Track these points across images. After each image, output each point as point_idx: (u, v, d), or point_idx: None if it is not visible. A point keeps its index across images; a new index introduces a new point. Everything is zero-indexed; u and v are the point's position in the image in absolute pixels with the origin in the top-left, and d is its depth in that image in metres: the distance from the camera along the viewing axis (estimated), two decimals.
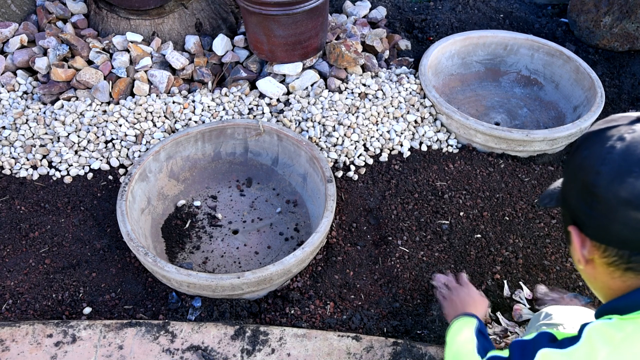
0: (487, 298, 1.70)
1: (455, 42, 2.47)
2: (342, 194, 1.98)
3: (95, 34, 2.36)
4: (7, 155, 2.05)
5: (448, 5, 2.94)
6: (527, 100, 2.51)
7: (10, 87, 2.22)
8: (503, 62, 2.57)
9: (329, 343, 1.54)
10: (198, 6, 2.42)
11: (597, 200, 0.73)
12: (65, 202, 1.94)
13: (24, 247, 1.81)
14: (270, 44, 2.14)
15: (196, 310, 1.65)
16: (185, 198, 2.02)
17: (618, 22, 2.63)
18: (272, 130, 2.00)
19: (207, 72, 2.27)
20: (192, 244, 1.88)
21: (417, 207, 1.95)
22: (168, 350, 1.52)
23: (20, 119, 2.11)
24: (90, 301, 1.68)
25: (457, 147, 2.20)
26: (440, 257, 1.80)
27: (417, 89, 2.29)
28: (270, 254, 1.86)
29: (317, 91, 2.23)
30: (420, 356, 1.51)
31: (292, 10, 2.00)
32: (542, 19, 2.93)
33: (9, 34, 2.31)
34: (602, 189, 0.72)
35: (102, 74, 2.18)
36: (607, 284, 0.79)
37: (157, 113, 2.14)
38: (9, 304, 1.66)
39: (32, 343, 1.52)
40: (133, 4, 2.28)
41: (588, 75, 2.28)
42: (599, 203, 0.73)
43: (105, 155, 2.07)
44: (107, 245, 1.82)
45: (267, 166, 2.09)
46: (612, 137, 0.74)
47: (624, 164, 0.70)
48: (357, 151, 2.10)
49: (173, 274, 1.54)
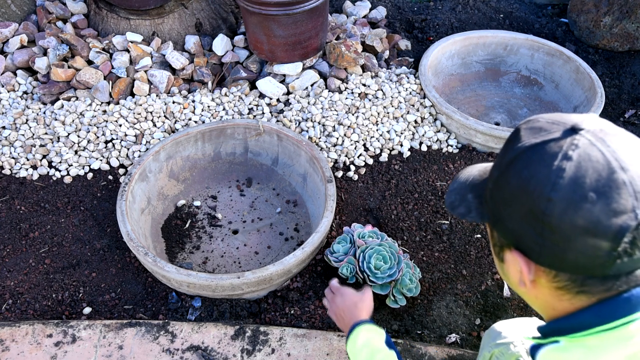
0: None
1: (455, 42, 2.47)
2: (342, 194, 1.98)
3: (95, 34, 2.36)
4: (7, 155, 2.05)
5: (448, 5, 2.94)
6: (527, 100, 2.51)
7: (10, 87, 2.22)
8: (503, 62, 2.57)
9: (329, 343, 1.54)
10: (198, 6, 2.42)
11: (549, 229, 0.67)
12: (65, 202, 1.94)
13: (24, 247, 1.81)
14: (270, 44, 2.14)
15: (196, 310, 1.65)
16: (185, 198, 2.02)
17: (618, 22, 2.63)
18: (272, 130, 2.00)
19: (207, 72, 2.27)
20: (192, 244, 1.88)
21: (417, 207, 1.95)
22: (168, 350, 1.52)
23: (20, 119, 2.11)
24: (90, 301, 1.68)
25: (457, 147, 2.20)
26: (440, 257, 1.80)
27: (417, 89, 2.29)
28: (270, 254, 1.86)
29: (317, 91, 2.23)
30: (420, 356, 1.51)
31: (292, 10, 2.00)
32: (542, 19, 2.93)
33: (9, 34, 2.31)
34: (555, 218, 0.66)
35: (102, 74, 2.18)
36: (551, 304, 0.75)
37: (157, 113, 2.14)
38: (9, 304, 1.66)
39: (32, 343, 1.52)
40: (133, 4, 2.28)
41: (588, 75, 2.28)
42: (553, 232, 0.67)
43: (105, 155, 2.06)
44: (107, 245, 1.82)
45: (267, 166, 2.09)
46: (556, 156, 0.67)
47: (578, 190, 0.64)
48: (357, 151, 2.10)
49: (173, 274, 1.54)
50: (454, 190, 0.89)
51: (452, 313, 1.67)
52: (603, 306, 0.70)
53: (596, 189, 0.64)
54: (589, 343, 0.71)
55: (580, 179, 0.65)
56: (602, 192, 0.64)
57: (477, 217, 0.82)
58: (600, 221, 0.64)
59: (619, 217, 0.63)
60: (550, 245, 0.68)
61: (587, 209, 0.64)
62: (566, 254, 0.67)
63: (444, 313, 1.67)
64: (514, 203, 0.71)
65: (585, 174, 0.65)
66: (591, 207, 0.64)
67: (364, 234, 1.70)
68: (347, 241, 1.71)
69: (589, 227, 0.64)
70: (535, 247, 0.70)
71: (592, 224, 0.64)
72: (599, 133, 0.67)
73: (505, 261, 0.78)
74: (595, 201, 0.64)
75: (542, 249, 0.69)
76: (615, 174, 0.64)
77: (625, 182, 0.64)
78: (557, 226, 0.66)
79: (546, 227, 0.67)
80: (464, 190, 0.87)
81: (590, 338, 0.71)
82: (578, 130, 0.68)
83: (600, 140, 0.67)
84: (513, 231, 0.73)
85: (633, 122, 2.39)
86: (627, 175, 0.64)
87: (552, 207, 0.66)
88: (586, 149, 0.66)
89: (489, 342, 1.20)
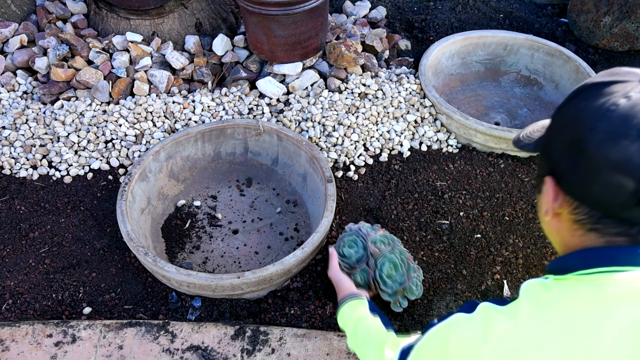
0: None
1: (455, 42, 2.47)
2: (342, 194, 1.98)
3: (95, 34, 2.36)
4: (7, 155, 2.05)
5: (448, 5, 2.94)
6: (527, 100, 2.51)
7: (10, 87, 2.22)
8: (503, 62, 2.57)
9: (329, 343, 1.54)
10: (198, 6, 2.42)
11: (583, 157, 0.69)
12: (65, 202, 1.94)
13: (24, 247, 1.81)
14: (270, 44, 2.14)
15: (196, 310, 1.65)
16: (185, 198, 2.02)
17: (618, 22, 2.63)
18: (272, 130, 2.00)
19: (207, 72, 2.27)
20: (192, 244, 1.88)
21: (417, 207, 1.95)
22: (168, 350, 1.52)
23: (20, 119, 2.11)
24: (90, 301, 1.68)
25: (457, 147, 2.20)
26: (440, 257, 1.80)
27: (417, 89, 2.29)
28: (270, 254, 1.86)
29: (317, 91, 2.23)
30: None
31: (292, 10, 2.00)
32: (542, 19, 2.93)
33: (9, 34, 2.31)
34: (592, 146, 0.68)
35: (102, 74, 2.18)
36: (566, 240, 0.78)
37: (157, 113, 2.14)
38: (9, 304, 1.66)
39: (32, 343, 1.52)
40: (133, 4, 2.28)
41: (588, 75, 2.28)
42: (585, 160, 0.69)
43: (105, 155, 2.07)
44: (107, 245, 1.82)
45: (267, 166, 2.09)
46: (616, 93, 0.69)
47: (623, 125, 0.66)
48: (357, 151, 2.10)
49: (173, 273, 1.54)
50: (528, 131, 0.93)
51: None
52: (599, 250, 0.72)
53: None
54: (567, 283, 0.73)
55: (630, 117, 0.66)
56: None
57: (533, 146, 0.87)
58: (632, 160, 0.66)
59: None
60: (580, 173, 0.71)
61: (624, 145, 0.66)
62: (592, 185, 0.70)
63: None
64: (563, 131, 0.75)
65: (636, 115, 0.66)
66: (629, 144, 0.66)
67: (376, 239, 1.62)
68: (359, 246, 1.61)
69: (620, 163, 0.66)
70: (566, 174, 0.73)
71: (624, 161, 0.66)
72: None
73: (542, 191, 0.81)
74: (635, 140, 0.65)
75: (571, 176, 0.72)
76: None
77: None
78: (591, 155, 0.68)
79: (581, 156, 0.70)
80: (535, 127, 0.91)
81: (571, 278, 0.73)
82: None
83: None
84: (553, 156, 0.77)
85: None
86: None
87: (592, 135, 0.68)
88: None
89: None
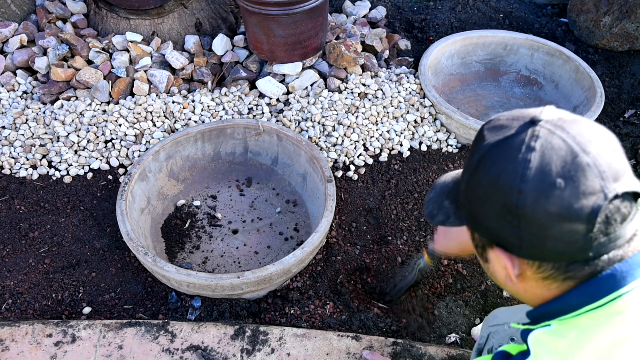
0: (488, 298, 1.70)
1: (455, 42, 2.47)
2: (342, 194, 1.98)
3: (95, 34, 2.36)
4: (7, 155, 2.05)
5: (448, 5, 2.94)
6: (527, 100, 2.51)
7: (10, 87, 2.22)
8: (503, 62, 2.57)
9: (329, 343, 1.54)
10: (198, 6, 2.42)
11: (525, 220, 0.68)
12: (65, 202, 1.94)
13: (24, 247, 1.81)
14: (270, 44, 2.14)
15: (196, 310, 1.65)
16: (185, 198, 2.02)
17: (618, 22, 2.63)
18: (272, 130, 2.00)
19: (207, 72, 2.27)
20: (192, 244, 1.88)
21: (417, 207, 1.95)
22: (168, 350, 1.52)
23: (20, 119, 2.11)
24: (90, 301, 1.68)
25: (457, 147, 2.20)
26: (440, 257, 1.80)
27: (417, 89, 2.29)
28: (270, 254, 1.86)
29: (317, 91, 2.23)
30: (420, 356, 1.51)
31: (292, 10, 2.00)
32: (542, 19, 2.93)
33: (9, 34, 2.31)
34: (528, 208, 0.67)
35: (102, 74, 2.18)
36: (541, 295, 0.76)
37: (157, 113, 2.14)
38: (9, 304, 1.66)
39: (32, 343, 1.52)
40: (133, 4, 2.28)
41: (588, 75, 2.28)
42: (528, 223, 0.68)
43: (105, 155, 2.06)
44: (107, 245, 1.82)
45: (267, 166, 2.09)
46: (520, 149, 0.68)
47: (546, 178, 0.66)
48: (357, 151, 2.10)
49: (173, 274, 1.54)
50: (431, 200, 0.90)
51: (452, 313, 1.67)
52: (589, 286, 0.71)
53: (563, 174, 0.65)
54: (581, 323, 0.72)
55: (547, 167, 0.66)
56: (569, 177, 0.65)
57: (456, 221, 0.84)
58: (572, 205, 0.65)
59: (589, 199, 0.65)
60: (529, 236, 0.69)
61: (557, 195, 0.65)
62: (545, 243, 0.68)
63: (444, 313, 1.67)
64: (488, 201, 0.73)
65: (550, 162, 0.66)
66: (561, 193, 0.65)
67: None
68: None
69: (562, 213, 0.65)
70: (515, 240, 0.71)
71: (565, 210, 0.65)
72: (557, 122, 0.69)
73: (490, 261, 0.79)
74: (564, 187, 0.65)
75: (522, 242, 0.71)
76: (579, 158, 0.65)
77: (590, 164, 0.65)
78: (532, 217, 0.67)
79: (522, 220, 0.69)
80: (440, 198, 0.88)
81: (582, 318, 0.72)
82: (537, 122, 0.70)
83: (559, 128, 0.68)
84: (491, 229, 0.74)
85: (633, 122, 2.39)
86: (590, 158, 0.65)
87: (524, 199, 0.67)
88: (547, 138, 0.68)
89: (487, 324, 1.23)
